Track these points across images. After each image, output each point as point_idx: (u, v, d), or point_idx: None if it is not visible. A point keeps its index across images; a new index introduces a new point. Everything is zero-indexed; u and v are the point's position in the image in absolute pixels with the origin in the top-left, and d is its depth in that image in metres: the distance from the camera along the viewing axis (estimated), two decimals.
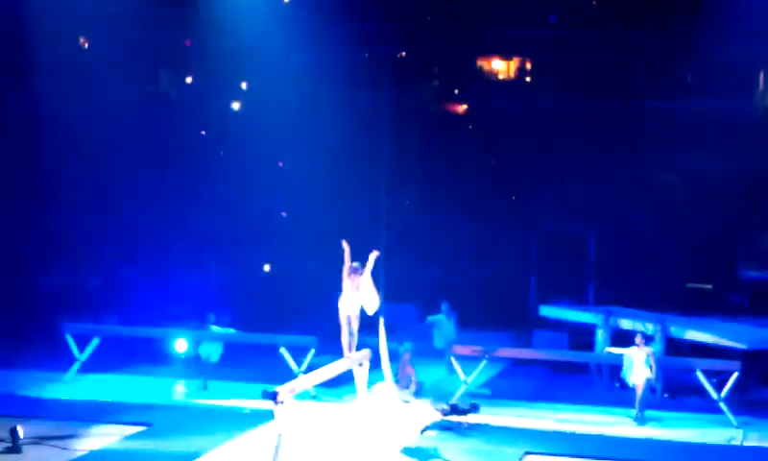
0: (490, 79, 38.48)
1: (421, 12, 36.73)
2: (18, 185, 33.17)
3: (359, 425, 19.23)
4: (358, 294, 19.64)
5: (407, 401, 21.30)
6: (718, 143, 32.43)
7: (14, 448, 17.79)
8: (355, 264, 19.85)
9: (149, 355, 25.46)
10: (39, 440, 18.33)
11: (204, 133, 37.03)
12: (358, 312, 19.82)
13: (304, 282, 31.40)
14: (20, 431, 17.94)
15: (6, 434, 17.97)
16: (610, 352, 22.89)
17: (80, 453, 17.93)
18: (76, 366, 23.67)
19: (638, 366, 21.14)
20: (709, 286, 32.23)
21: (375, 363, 21.04)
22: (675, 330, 24.44)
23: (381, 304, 21.41)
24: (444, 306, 25.82)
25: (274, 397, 16.71)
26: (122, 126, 33.41)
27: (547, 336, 27.65)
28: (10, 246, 33.02)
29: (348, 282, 19.54)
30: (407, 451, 18.38)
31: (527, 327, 29.56)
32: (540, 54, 37.18)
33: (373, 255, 18.96)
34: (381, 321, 20.69)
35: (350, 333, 19.84)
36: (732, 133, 32.15)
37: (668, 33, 33.70)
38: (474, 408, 20.60)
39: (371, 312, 19.52)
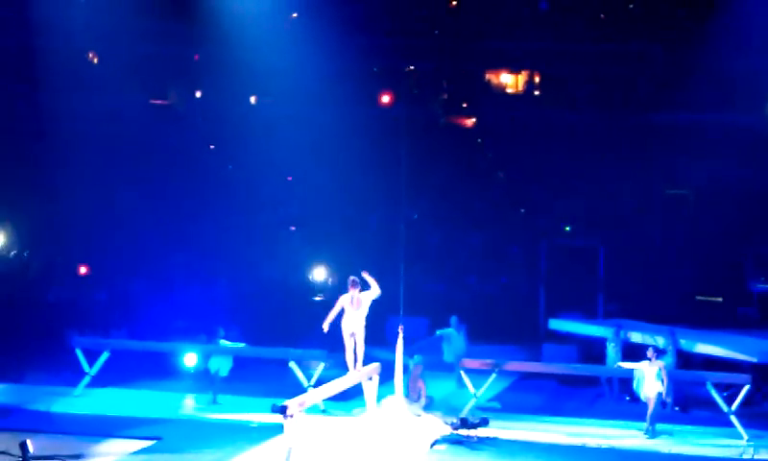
0: (498, 92, 38.50)
1: (430, 26, 36.81)
2: (28, 199, 33.27)
3: (369, 440, 19.21)
4: (359, 311, 19.66)
5: (417, 415, 21.28)
6: (727, 156, 32.43)
7: None
8: (354, 278, 19.90)
9: (158, 369, 25.44)
10: (49, 455, 18.32)
11: (212, 147, 37.10)
12: (361, 329, 19.85)
13: (314, 296, 31.45)
14: (30, 446, 17.91)
15: (16, 448, 17.96)
16: (620, 366, 22.85)
17: None
18: (85, 380, 23.65)
19: (650, 380, 21.05)
20: (719, 299, 32.14)
21: (384, 377, 21.05)
22: (685, 344, 24.39)
23: (395, 317, 21.45)
24: (453, 320, 25.79)
25: (283, 411, 16.74)
26: (131, 140, 33.53)
27: (557, 350, 27.56)
28: (19, 260, 33.13)
29: (347, 300, 19.58)
30: None
31: (537, 340, 29.48)
32: (549, 67, 37.22)
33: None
34: (400, 331, 20.66)
35: (355, 350, 19.89)
36: (741, 146, 32.13)
37: (676, 46, 33.73)
38: (484, 422, 20.54)
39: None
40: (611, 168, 33.69)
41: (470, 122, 38.19)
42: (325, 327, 19.71)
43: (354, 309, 19.72)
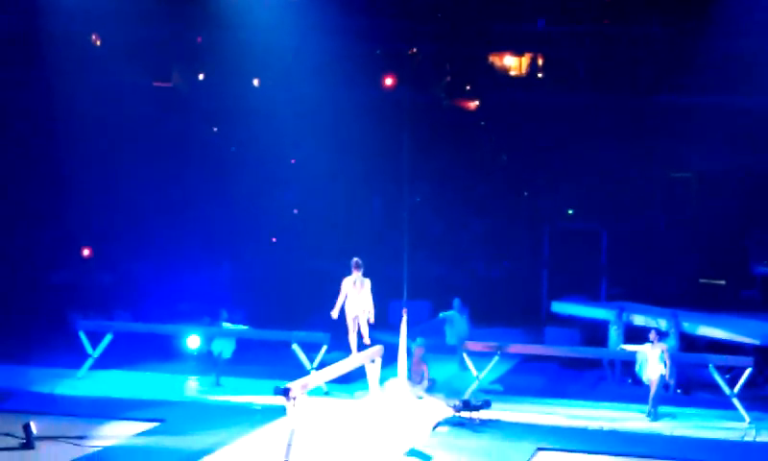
0: (501, 75, 38.41)
1: (433, 8, 36.70)
2: (31, 182, 33.32)
3: (371, 422, 19.25)
4: (362, 294, 19.67)
5: (419, 397, 21.32)
6: (731, 139, 32.34)
7: (28, 443, 17.88)
8: (357, 259, 19.91)
9: (161, 352, 25.49)
10: (52, 436, 18.39)
11: (215, 129, 37.09)
12: (364, 312, 19.88)
13: (317, 279, 31.43)
14: (33, 427, 18.02)
15: (19, 430, 18.05)
16: (623, 349, 22.87)
17: (92, 449, 18.00)
18: (89, 362, 23.71)
19: (653, 362, 21.07)
20: (722, 282, 32.14)
21: (388, 359, 21.08)
22: (688, 326, 24.39)
23: (398, 301, 21.49)
24: (456, 303, 25.77)
25: (286, 393, 16.76)
26: (134, 123, 33.51)
27: (559, 332, 27.58)
28: (23, 243, 33.16)
29: (350, 282, 19.60)
30: (414, 451, 18.35)
31: (539, 323, 29.49)
32: (552, 50, 37.12)
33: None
34: (404, 314, 20.68)
35: (359, 334, 19.91)
36: (746, 130, 32.04)
37: (681, 28, 33.61)
38: (486, 404, 20.58)
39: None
40: (614, 151, 33.63)
41: (473, 105, 38.11)
42: (335, 314, 19.77)
43: (357, 291, 19.75)
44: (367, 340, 20.11)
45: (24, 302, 29.75)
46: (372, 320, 20.15)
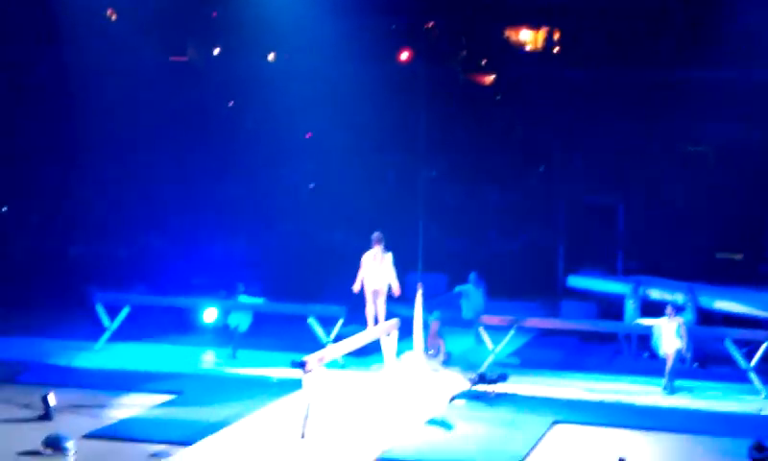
0: (518, 49, 38.27)
1: None
2: (48, 156, 33.41)
3: (388, 394, 19.29)
4: (382, 267, 19.71)
5: (436, 371, 21.35)
6: (748, 113, 32.15)
7: (46, 415, 17.99)
8: (378, 234, 19.96)
9: (178, 324, 25.57)
10: (70, 408, 18.51)
11: (231, 103, 37.09)
12: (383, 286, 19.90)
13: (333, 253, 31.47)
14: (51, 399, 18.12)
15: (38, 402, 18.17)
16: (639, 323, 22.83)
17: (110, 421, 18.11)
18: (106, 335, 23.83)
19: (669, 336, 21.05)
20: (739, 256, 32.01)
21: (404, 333, 21.11)
22: (705, 300, 24.33)
23: (414, 274, 21.51)
24: (472, 276, 25.73)
25: (302, 366, 16.83)
26: (150, 97, 33.53)
27: (576, 306, 27.51)
28: (40, 216, 33.29)
29: (370, 256, 19.66)
30: (435, 421, 18.41)
31: (555, 297, 29.43)
32: (569, 23, 36.93)
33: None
34: (419, 288, 20.70)
35: (376, 307, 19.95)
36: (763, 104, 31.83)
37: (699, 1, 33.39)
38: (503, 377, 20.59)
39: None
40: (631, 125, 33.51)
41: (490, 79, 37.99)
42: (356, 288, 19.82)
43: (378, 265, 19.82)
44: (381, 321, 20.13)
45: (42, 275, 29.88)
46: (397, 292, 20.24)
